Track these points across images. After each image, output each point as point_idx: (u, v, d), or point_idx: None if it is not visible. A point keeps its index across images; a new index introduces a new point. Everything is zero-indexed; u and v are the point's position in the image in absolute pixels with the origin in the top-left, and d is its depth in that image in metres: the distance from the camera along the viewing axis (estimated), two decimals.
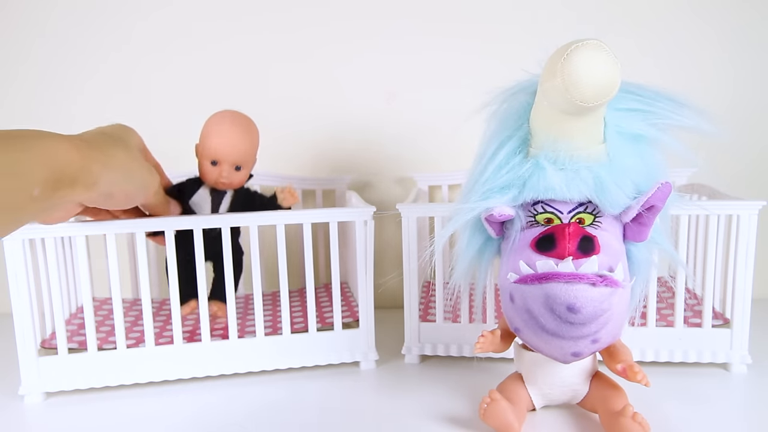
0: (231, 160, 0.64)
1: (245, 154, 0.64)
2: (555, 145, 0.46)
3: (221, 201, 0.66)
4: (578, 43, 0.41)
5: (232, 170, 0.64)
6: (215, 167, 0.64)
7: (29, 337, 0.61)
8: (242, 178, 0.66)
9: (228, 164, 0.64)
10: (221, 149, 0.63)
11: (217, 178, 0.64)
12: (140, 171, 0.51)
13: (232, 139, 0.63)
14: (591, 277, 0.44)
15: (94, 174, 0.44)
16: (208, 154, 0.64)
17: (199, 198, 0.65)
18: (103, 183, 0.45)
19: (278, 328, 0.69)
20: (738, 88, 0.89)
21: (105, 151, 0.46)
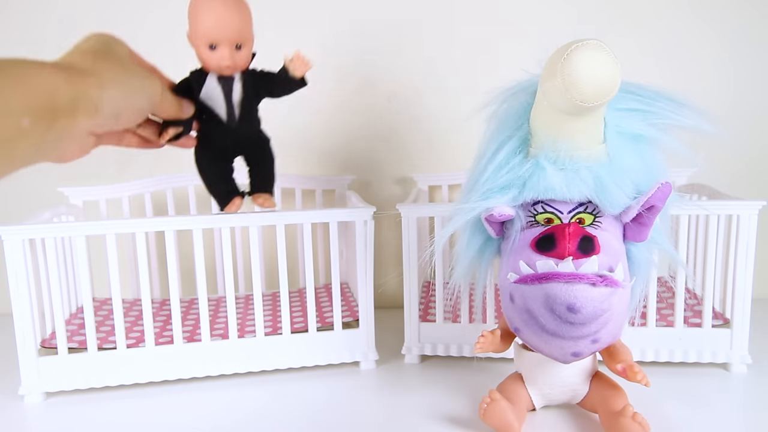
0: (229, 39, 0.58)
1: (242, 29, 0.59)
2: (555, 145, 0.46)
3: (232, 88, 0.60)
4: (578, 43, 0.41)
5: (233, 50, 0.59)
6: (214, 52, 0.58)
7: (29, 337, 0.61)
8: (246, 58, 0.60)
9: (227, 45, 0.58)
10: (216, 29, 0.58)
11: (219, 62, 0.58)
12: (138, 80, 0.47)
13: (225, 15, 0.58)
14: (591, 277, 0.44)
15: (93, 98, 0.41)
16: (204, 38, 0.58)
17: (209, 89, 0.60)
18: (105, 105, 0.42)
19: (278, 328, 0.69)
20: (738, 88, 0.89)
21: (97, 72, 0.42)
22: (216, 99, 0.60)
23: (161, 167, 0.91)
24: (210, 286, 0.90)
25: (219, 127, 0.60)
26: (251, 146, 0.64)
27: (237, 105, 0.60)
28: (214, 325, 0.73)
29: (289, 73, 0.60)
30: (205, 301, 0.64)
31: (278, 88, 0.62)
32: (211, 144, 0.61)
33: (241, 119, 0.61)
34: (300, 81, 0.60)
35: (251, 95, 0.61)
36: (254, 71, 0.62)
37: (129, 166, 0.92)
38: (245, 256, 0.90)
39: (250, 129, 0.62)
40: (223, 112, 0.60)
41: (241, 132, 0.61)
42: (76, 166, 0.92)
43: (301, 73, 0.60)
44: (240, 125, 0.61)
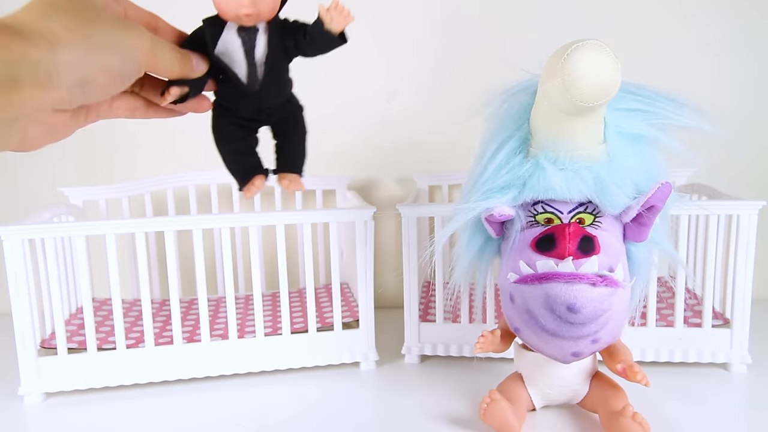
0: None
1: None
2: (555, 145, 0.46)
3: (255, 42, 0.48)
4: (578, 43, 0.41)
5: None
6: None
7: (29, 337, 0.61)
8: (271, 2, 0.46)
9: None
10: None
11: (238, 7, 0.45)
12: (112, 31, 0.36)
13: None
14: (591, 277, 0.44)
15: (42, 63, 0.31)
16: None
17: (226, 44, 0.47)
18: (63, 70, 0.32)
19: (278, 328, 0.69)
20: (738, 88, 0.89)
21: (48, 28, 0.32)
22: (235, 55, 0.48)
23: (161, 167, 0.91)
24: (210, 286, 0.90)
25: (238, 91, 0.48)
26: (279, 115, 0.53)
27: (260, 63, 0.48)
28: (213, 325, 0.73)
29: (324, 26, 0.47)
30: (204, 302, 0.64)
31: (311, 44, 0.48)
32: (230, 110, 0.51)
33: (265, 81, 0.48)
34: (338, 37, 0.48)
35: (279, 51, 0.48)
36: (285, 21, 0.50)
37: (129, 167, 0.92)
38: (245, 256, 0.90)
39: (276, 94, 0.50)
40: (243, 72, 0.48)
41: (266, 97, 0.50)
42: (77, 166, 0.93)
43: (340, 27, 0.47)
44: (264, 89, 0.49)
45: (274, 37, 0.48)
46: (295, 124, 0.55)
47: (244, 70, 0.48)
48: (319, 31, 0.47)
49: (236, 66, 0.48)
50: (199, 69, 0.45)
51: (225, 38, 0.48)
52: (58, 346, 0.62)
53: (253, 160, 0.54)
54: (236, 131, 0.52)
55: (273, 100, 0.51)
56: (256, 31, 0.48)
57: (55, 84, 0.32)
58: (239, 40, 0.48)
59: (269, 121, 0.53)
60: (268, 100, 0.50)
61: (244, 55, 0.48)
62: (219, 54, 0.48)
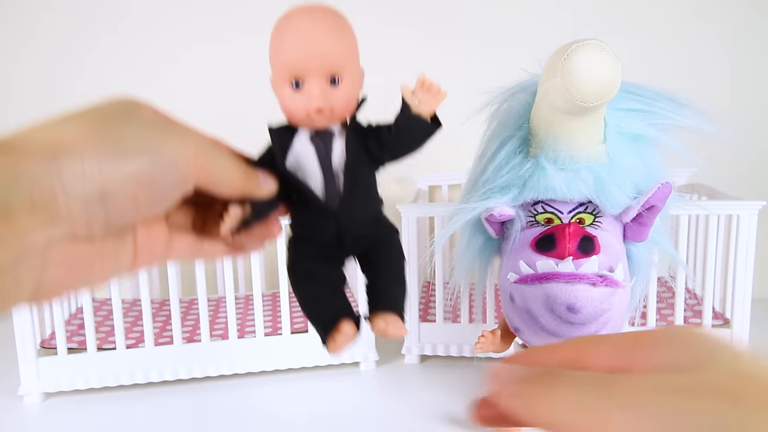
0: (319, 67, 0.38)
1: (338, 53, 0.39)
2: (555, 145, 0.46)
3: (331, 148, 0.39)
4: (579, 43, 0.41)
5: (326, 86, 0.38)
6: (300, 92, 0.38)
7: (29, 338, 0.61)
8: (347, 98, 0.39)
9: (316, 76, 0.38)
10: (300, 53, 0.38)
11: (308, 105, 0.37)
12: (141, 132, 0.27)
13: (312, 33, 0.38)
14: (591, 277, 0.44)
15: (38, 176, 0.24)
16: (285, 70, 0.38)
17: (298, 156, 0.39)
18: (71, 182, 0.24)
19: (278, 328, 0.69)
20: (738, 89, 0.89)
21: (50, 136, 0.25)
22: (308, 167, 0.39)
23: None
24: (210, 286, 0.90)
25: (316, 210, 0.39)
26: (367, 240, 0.41)
27: (338, 173, 0.39)
28: (213, 325, 0.73)
29: (411, 110, 0.38)
30: (204, 302, 0.64)
31: (400, 137, 0.39)
32: (307, 239, 0.41)
33: (346, 194, 0.39)
34: (431, 122, 0.39)
35: (360, 157, 0.39)
36: (361, 124, 0.41)
37: None
38: (245, 256, 0.90)
39: (361, 209, 0.40)
40: (320, 186, 0.38)
41: (349, 214, 0.39)
42: None
43: (431, 109, 0.39)
44: (346, 203, 0.39)
45: (353, 140, 0.39)
46: (388, 251, 0.43)
47: (320, 182, 0.38)
48: (407, 119, 0.38)
49: (311, 180, 0.38)
50: (268, 186, 0.35)
51: (296, 149, 0.39)
52: (58, 346, 0.62)
53: (340, 302, 0.42)
54: (318, 266, 0.41)
55: (358, 217, 0.40)
56: (331, 135, 0.39)
57: (62, 203, 0.24)
58: (312, 147, 0.39)
59: (356, 248, 0.42)
60: (353, 218, 0.40)
61: (318, 165, 0.39)
62: (291, 168, 0.39)
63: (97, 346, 0.63)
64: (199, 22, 0.91)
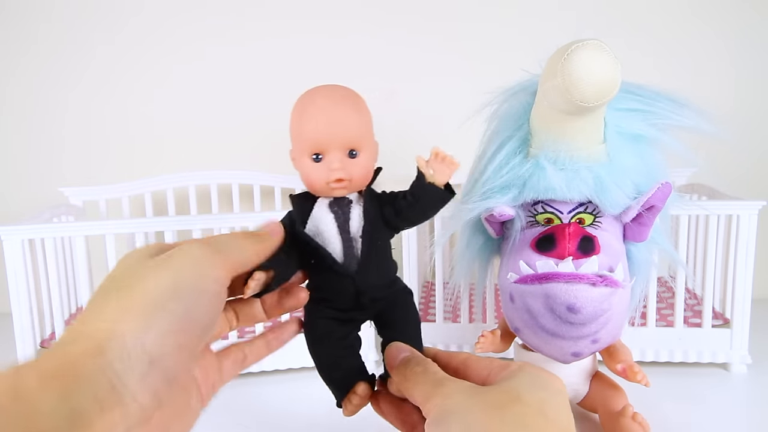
0: (339, 141, 0.42)
1: (356, 130, 0.43)
2: (555, 145, 0.46)
3: (349, 215, 0.42)
4: (579, 43, 0.41)
5: (344, 158, 0.42)
6: (321, 164, 0.42)
7: (29, 337, 0.61)
8: (364, 169, 0.43)
9: (336, 149, 0.42)
10: (321, 129, 0.42)
11: (327, 176, 0.41)
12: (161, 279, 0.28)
13: (332, 111, 0.42)
14: (591, 277, 0.44)
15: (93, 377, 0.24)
16: (307, 144, 0.42)
17: (317, 222, 0.42)
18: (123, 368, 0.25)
19: None
20: (738, 89, 0.89)
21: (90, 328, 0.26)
22: (327, 233, 0.42)
23: (161, 167, 0.91)
24: None
25: (334, 273, 0.41)
26: (383, 302, 0.43)
27: (356, 237, 0.41)
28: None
29: (426, 179, 0.41)
30: None
31: (415, 204, 0.42)
32: (325, 301, 0.43)
33: (363, 258, 0.41)
34: (444, 190, 0.41)
35: (377, 222, 0.42)
36: (381, 193, 0.45)
37: (129, 167, 0.92)
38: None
39: (378, 273, 0.42)
40: (338, 250, 0.41)
41: (366, 277, 0.42)
42: (77, 166, 0.93)
43: (445, 178, 0.42)
44: (363, 267, 0.41)
45: (370, 207, 0.42)
46: (404, 312, 0.44)
47: (339, 247, 0.41)
48: (422, 187, 0.41)
49: (329, 245, 0.41)
50: (276, 232, 0.38)
51: (315, 215, 0.42)
52: None
53: (355, 363, 0.44)
54: (335, 328, 0.43)
55: (375, 280, 0.42)
56: (349, 203, 0.43)
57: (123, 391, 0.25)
58: (331, 215, 0.42)
59: (372, 310, 0.44)
60: (370, 281, 0.42)
61: (337, 230, 0.42)
62: (311, 233, 0.42)
63: None
64: (198, 29, 0.91)
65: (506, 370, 0.33)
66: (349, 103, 0.43)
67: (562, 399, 0.30)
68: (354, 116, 0.43)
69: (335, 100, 0.43)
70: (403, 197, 0.42)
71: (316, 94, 0.43)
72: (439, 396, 0.31)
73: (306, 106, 0.43)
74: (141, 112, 0.92)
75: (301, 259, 0.42)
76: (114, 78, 0.91)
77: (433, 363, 0.36)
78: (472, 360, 0.36)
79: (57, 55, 0.90)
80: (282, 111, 0.96)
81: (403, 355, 0.38)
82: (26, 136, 0.92)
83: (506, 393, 0.30)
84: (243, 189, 0.91)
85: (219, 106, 0.92)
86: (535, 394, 0.30)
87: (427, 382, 0.33)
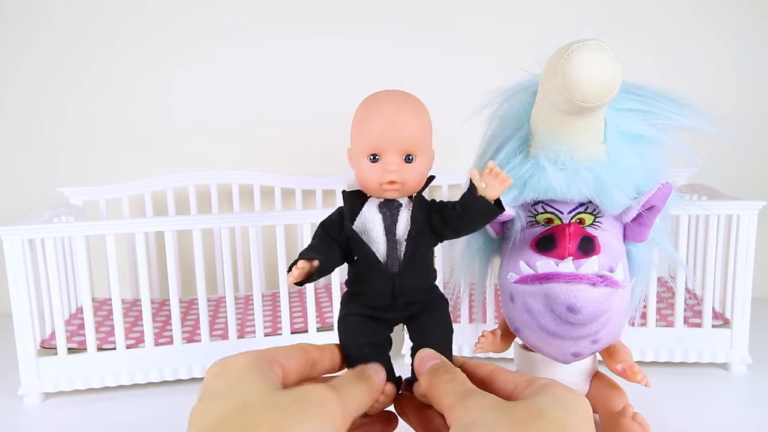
0: (397, 145, 0.43)
1: (415, 135, 0.44)
2: (555, 145, 0.46)
3: (397, 218, 0.43)
4: (579, 43, 0.41)
5: (401, 161, 0.43)
6: (377, 165, 0.43)
7: (29, 338, 0.61)
8: (419, 174, 0.44)
9: (394, 152, 0.43)
10: (382, 132, 0.43)
11: (382, 177, 0.42)
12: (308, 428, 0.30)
13: (395, 116, 0.44)
14: (591, 277, 0.44)
15: None
16: (366, 144, 0.43)
17: (365, 220, 0.43)
18: None
19: (278, 328, 0.69)
20: (739, 89, 0.89)
21: None
22: (374, 233, 0.43)
23: (161, 167, 0.91)
24: (210, 286, 0.90)
25: (375, 271, 0.43)
26: (418, 306, 0.44)
27: (401, 240, 0.43)
28: (213, 325, 0.73)
29: (477, 192, 0.41)
30: (204, 302, 0.64)
31: (463, 215, 0.42)
32: (362, 297, 0.44)
33: (406, 261, 0.42)
34: (495, 205, 0.41)
35: (423, 229, 0.43)
36: (431, 200, 0.46)
37: (129, 167, 0.92)
38: (245, 256, 0.90)
39: (418, 277, 0.43)
40: (382, 250, 0.43)
41: (406, 281, 0.43)
42: (77, 166, 0.92)
43: (496, 193, 0.41)
44: (404, 269, 0.42)
45: (419, 212, 0.43)
46: (438, 319, 0.45)
47: (383, 247, 0.43)
48: (473, 199, 0.41)
49: (374, 243, 0.43)
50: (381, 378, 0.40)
51: (364, 213, 0.44)
52: (58, 346, 0.62)
53: (383, 363, 0.42)
54: (367, 324, 0.44)
55: (414, 283, 0.43)
56: (399, 206, 0.44)
57: None
58: (380, 215, 0.43)
59: (406, 313, 0.44)
60: (409, 283, 0.43)
61: (384, 231, 0.43)
62: (357, 230, 0.43)
63: (97, 346, 0.63)
64: (198, 31, 0.91)
65: (532, 387, 0.34)
66: (411, 110, 0.44)
67: (584, 418, 0.31)
68: (414, 123, 0.44)
69: (399, 105, 0.44)
70: (453, 207, 0.42)
71: (382, 97, 0.45)
72: (464, 407, 0.32)
73: (370, 108, 0.44)
74: (141, 112, 0.92)
75: (344, 255, 0.44)
76: (114, 79, 0.91)
77: (461, 373, 0.37)
78: (498, 372, 0.37)
79: (58, 56, 0.90)
80: (282, 111, 0.96)
81: (433, 362, 0.39)
82: (26, 137, 0.92)
83: (530, 409, 0.31)
84: (243, 189, 0.91)
85: (219, 106, 0.92)
86: (557, 412, 0.31)
87: (455, 392, 0.34)
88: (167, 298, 0.86)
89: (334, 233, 0.44)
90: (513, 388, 0.35)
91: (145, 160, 0.93)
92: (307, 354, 0.39)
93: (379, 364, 0.41)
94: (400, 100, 0.45)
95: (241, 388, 0.32)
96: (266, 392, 0.31)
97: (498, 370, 0.38)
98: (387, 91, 0.46)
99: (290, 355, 0.37)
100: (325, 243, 0.43)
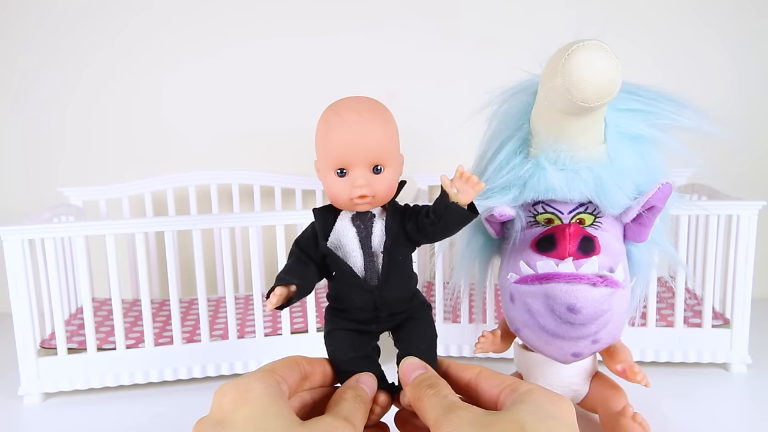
0: (363, 158, 0.42)
1: (381, 145, 0.42)
2: (555, 145, 0.46)
3: (371, 230, 0.42)
4: (579, 43, 0.41)
5: (368, 173, 0.42)
6: (345, 179, 0.42)
7: (29, 338, 0.61)
8: (388, 184, 0.43)
9: (361, 165, 0.41)
10: (346, 145, 0.41)
11: (351, 192, 0.41)
12: None
13: (358, 126, 0.42)
14: (591, 277, 0.44)
15: None
16: (332, 159, 0.42)
17: (339, 235, 0.43)
18: None
19: (278, 328, 0.69)
20: (739, 89, 0.89)
21: None
22: (349, 247, 0.43)
23: (161, 167, 0.91)
24: (210, 286, 0.90)
25: (354, 287, 0.42)
26: (402, 315, 0.44)
27: (378, 252, 0.42)
28: (213, 325, 0.73)
29: (450, 198, 0.40)
30: (204, 302, 0.64)
31: (437, 222, 0.41)
32: (344, 312, 0.43)
33: (384, 272, 0.42)
34: (468, 210, 0.41)
35: (399, 238, 0.42)
36: (404, 206, 0.45)
37: (129, 167, 0.92)
38: (245, 256, 0.90)
39: (398, 287, 0.43)
40: (359, 264, 0.42)
41: (387, 293, 0.42)
42: (77, 166, 0.92)
43: (468, 198, 0.40)
44: (383, 281, 0.42)
45: (392, 222, 0.43)
46: (422, 326, 0.44)
47: (360, 261, 0.42)
48: (445, 205, 0.40)
49: (350, 258, 0.42)
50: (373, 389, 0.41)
51: (338, 228, 0.43)
52: (58, 346, 0.62)
53: (374, 369, 0.43)
54: (353, 338, 0.43)
55: (395, 295, 0.43)
56: (372, 217, 0.43)
57: None
58: (353, 229, 0.43)
59: (391, 322, 0.44)
60: (390, 295, 0.42)
61: (359, 245, 0.43)
62: (332, 247, 0.43)
63: (97, 346, 0.63)
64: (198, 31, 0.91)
65: (515, 393, 0.34)
66: (374, 118, 0.43)
67: (567, 428, 0.32)
68: (379, 132, 0.42)
69: (360, 115, 0.42)
70: (426, 214, 0.41)
71: (341, 107, 0.43)
72: (448, 424, 0.32)
73: (331, 120, 0.42)
74: (141, 112, 0.92)
75: (322, 272, 0.43)
76: (114, 79, 0.91)
77: (445, 385, 0.37)
78: (483, 376, 0.38)
79: (57, 55, 0.90)
80: (281, 111, 0.96)
81: (417, 373, 0.39)
82: (26, 137, 0.91)
83: (511, 423, 0.31)
84: (243, 189, 0.91)
85: (219, 106, 0.92)
86: (540, 425, 0.31)
87: (438, 406, 0.34)
88: (167, 298, 0.86)
89: (309, 251, 0.43)
90: (498, 393, 0.36)
91: (145, 160, 0.93)
92: (300, 367, 0.39)
93: (370, 374, 0.41)
94: (362, 109, 0.43)
95: (265, 424, 0.32)
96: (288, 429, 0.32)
97: (482, 374, 0.38)
98: (348, 99, 0.44)
99: (290, 372, 0.37)
100: (302, 262, 0.42)
